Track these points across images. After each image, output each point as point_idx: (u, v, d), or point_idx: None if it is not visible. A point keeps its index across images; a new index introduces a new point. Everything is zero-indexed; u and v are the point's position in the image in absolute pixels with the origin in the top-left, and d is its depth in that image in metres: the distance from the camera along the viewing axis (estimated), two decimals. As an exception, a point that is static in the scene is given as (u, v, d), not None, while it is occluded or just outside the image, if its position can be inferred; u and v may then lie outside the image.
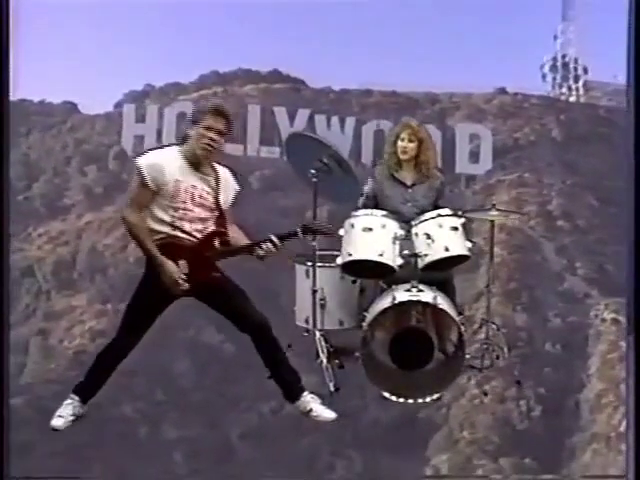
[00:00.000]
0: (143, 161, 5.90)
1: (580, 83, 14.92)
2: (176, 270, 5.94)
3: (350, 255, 6.71)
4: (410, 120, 7.13)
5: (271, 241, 5.98)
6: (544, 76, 14.85)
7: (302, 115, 12.96)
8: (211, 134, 5.96)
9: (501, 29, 13.36)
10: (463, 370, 6.77)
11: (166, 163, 5.92)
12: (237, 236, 6.16)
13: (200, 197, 6.03)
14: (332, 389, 6.72)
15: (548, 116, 14.22)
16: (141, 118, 13.13)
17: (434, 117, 13.43)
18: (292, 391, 6.44)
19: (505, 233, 12.20)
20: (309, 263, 6.92)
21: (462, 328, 6.62)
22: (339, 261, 6.76)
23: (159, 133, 12.97)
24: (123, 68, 13.36)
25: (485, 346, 7.09)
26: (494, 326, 7.13)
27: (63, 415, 6.26)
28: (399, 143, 7.05)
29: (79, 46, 12.87)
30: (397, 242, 6.71)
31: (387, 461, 9.42)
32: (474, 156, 12.61)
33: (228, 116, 6.00)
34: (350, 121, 13.08)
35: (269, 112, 12.91)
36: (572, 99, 14.88)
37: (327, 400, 6.53)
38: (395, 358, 6.72)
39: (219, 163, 6.21)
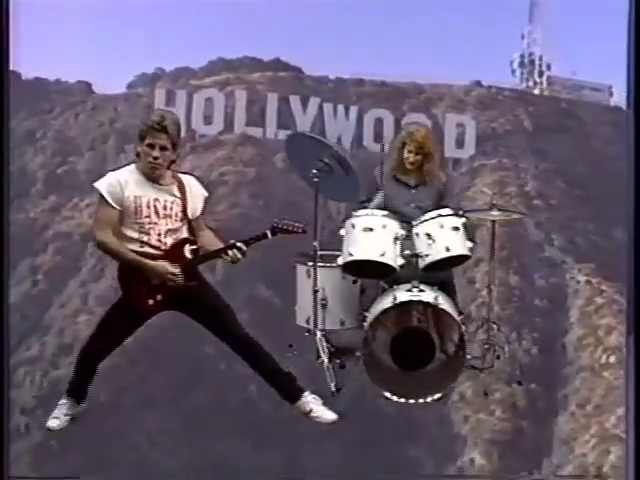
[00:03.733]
0: (101, 183, 4.61)
1: (544, 78, 14.00)
2: (166, 266, 4.63)
3: (351, 255, 5.20)
4: (417, 130, 5.51)
5: (237, 247, 4.64)
6: (513, 71, 13.94)
7: (313, 103, 11.97)
8: (154, 152, 4.56)
9: (475, 28, 12.66)
10: (464, 370, 5.26)
11: (123, 180, 4.60)
12: (209, 241, 4.79)
13: (164, 209, 4.67)
14: (333, 389, 5.21)
15: (519, 108, 13.37)
16: (171, 102, 11.81)
17: (421, 106, 12.76)
18: (290, 393, 4.96)
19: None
20: (310, 263, 5.39)
21: (463, 328, 5.17)
22: (340, 261, 5.26)
23: (188, 116, 11.81)
24: (133, 51, 11.88)
25: (486, 346, 5.50)
26: (495, 326, 5.55)
27: (58, 416, 4.97)
28: (405, 154, 5.45)
29: (91, 27, 11.29)
30: (398, 242, 5.19)
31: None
32: (459, 142, 11.98)
33: (168, 129, 4.57)
34: (353, 109, 12.13)
35: (282, 99, 12.01)
36: (536, 92, 14.09)
37: (328, 400, 5.06)
38: (396, 358, 5.23)
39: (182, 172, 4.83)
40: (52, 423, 4.95)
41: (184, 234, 4.71)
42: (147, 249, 4.63)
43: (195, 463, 8.98)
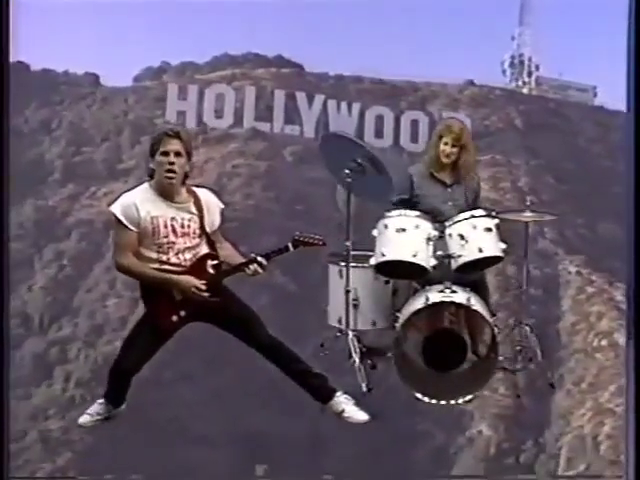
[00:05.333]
0: (116, 206, 4.18)
1: (532, 78, 13.68)
2: (191, 279, 4.19)
3: (384, 255, 4.67)
4: (453, 124, 4.93)
5: (257, 262, 4.22)
6: (504, 71, 13.69)
7: (318, 99, 11.53)
8: (170, 158, 4.12)
9: (468, 30, 12.13)
10: (496, 372, 4.73)
11: (139, 201, 4.16)
12: (229, 254, 4.35)
13: (182, 227, 4.21)
14: (365, 389, 4.70)
15: (510, 106, 13.09)
16: (182, 96, 11.27)
17: (417, 103, 12.44)
18: (321, 394, 4.44)
19: (489, 204, 11.13)
20: (342, 263, 4.85)
21: (495, 330, 4.63)
22: (372, 261, 4.72)
23: (199, 110, 11.43)
24: (138, 44, 11.36)
25: (518, 348, 4.96)
26: (527, 328, 5.02)
27: (91, 413, 4.53)
28: (441, 146, 4.86)
29: (97, 20, 10.75)
30: (431, 243, 4.66)
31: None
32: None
33: (181, 135, 4.17)
34: (355, 106, 11.70)
35: (288, 95, 11.64)
36: (525, 91, 13.86)
37: (360, 400, 4.52)
38: (428, 359, 4.71)
39: (197, 186, 4.36)
40: (83, 419, 4.54)
41: (204, 249, 4.26)
42: (166, 267, 4.19)
43: (230, 431, 9.05)
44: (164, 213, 4.15)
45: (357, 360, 4.72)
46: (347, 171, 4.71)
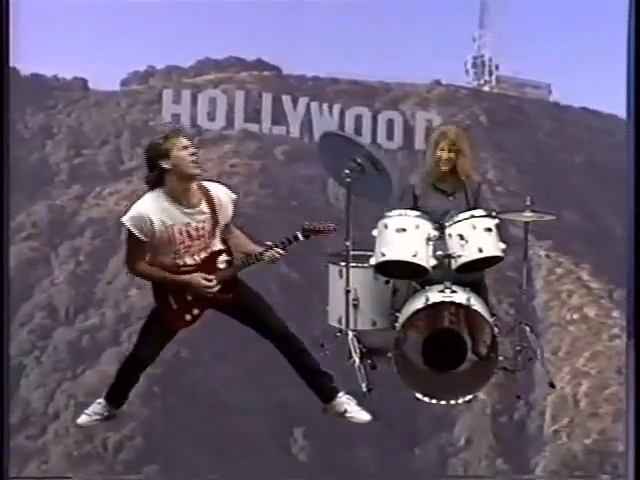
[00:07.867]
0: (127, 217, 3.61)
1: (493, 77, 12.87)
2: (200, 278, 3.63)
3: (383, 255, 4.02)
4: (448, 130, 4.26)
5: (274, 250, 3.72)
6: (467, 71, 12.82)
7: (302, 102, 10.75)
8: (191, 150, 3.59)
9: (433, 33, 11.53)
10: (496, 372, 4.07)
11: (151, 212, 3.57)
12: (241, 242, 3.81)
13: (196, 230, 3.64)
14: (365, 390, 4.05)
15: (474, 105, 12.13)
16: (176, 100, 10.57)
17: (390, 103, 11.49)
18: (324, 393, 3.90)
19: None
20: (342, 263, 4.19)
21: (495, 330, 4.00)
22: (372, 261, 4.07)
23: (192, 113, 10.57)
24: (122, 49, 10.46)
25: (518, 348, 4.31)
26: (527, 327, 4.35)
27: (90, 414, 3.99)
28: (438, 153, 4.19)
29: (82, 25, 9.85)
30: (430, 243, 4.02)
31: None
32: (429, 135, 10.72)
33: (187, 134, 3.75)
34: (336, 107, 10.90)
35: (274, 98, 10.74)
36: (486, 89, 12.92)
37: (360, 400, 3.96)
38: (428, 359, 4.06)
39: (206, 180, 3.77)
40: (82, 419, 4.01)
41: (217, 246, 3.69)
42: (182, 269, 3.66)
43: (263, 402, 8.82)
44: (178, 220, 3.58)
45: (357, 360, 4.08)
46: (347, 171, 4.04)
